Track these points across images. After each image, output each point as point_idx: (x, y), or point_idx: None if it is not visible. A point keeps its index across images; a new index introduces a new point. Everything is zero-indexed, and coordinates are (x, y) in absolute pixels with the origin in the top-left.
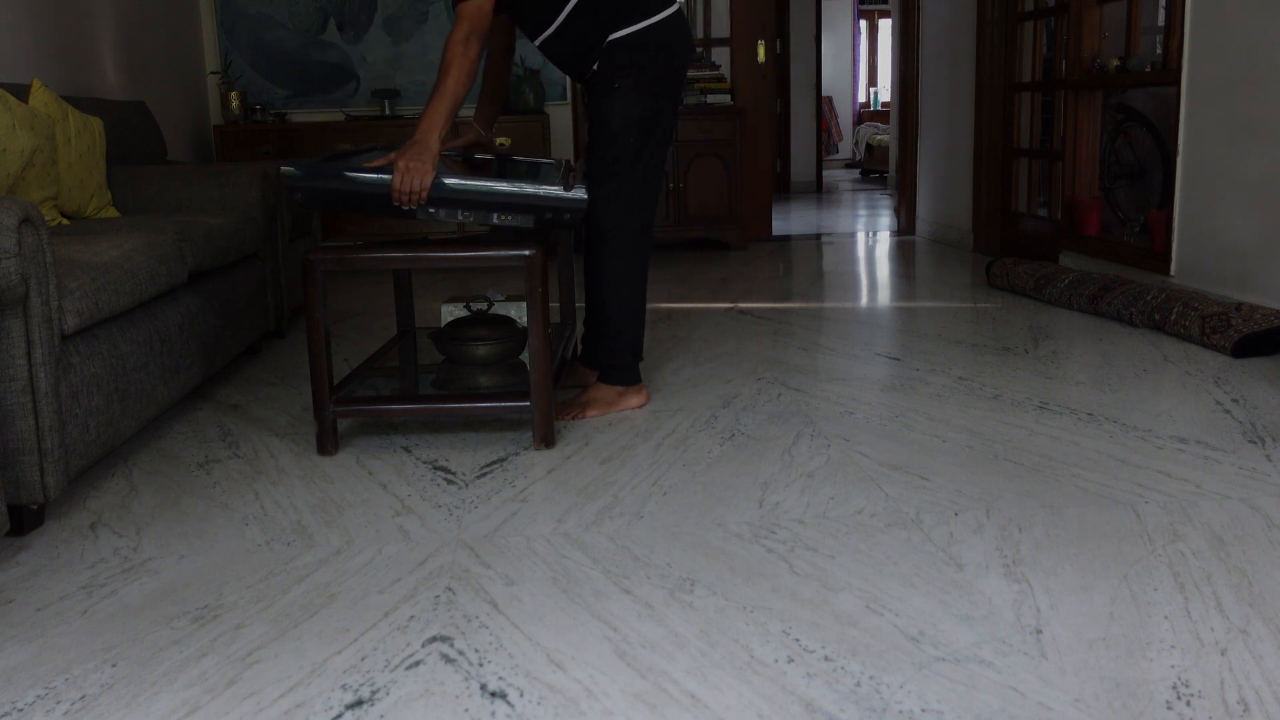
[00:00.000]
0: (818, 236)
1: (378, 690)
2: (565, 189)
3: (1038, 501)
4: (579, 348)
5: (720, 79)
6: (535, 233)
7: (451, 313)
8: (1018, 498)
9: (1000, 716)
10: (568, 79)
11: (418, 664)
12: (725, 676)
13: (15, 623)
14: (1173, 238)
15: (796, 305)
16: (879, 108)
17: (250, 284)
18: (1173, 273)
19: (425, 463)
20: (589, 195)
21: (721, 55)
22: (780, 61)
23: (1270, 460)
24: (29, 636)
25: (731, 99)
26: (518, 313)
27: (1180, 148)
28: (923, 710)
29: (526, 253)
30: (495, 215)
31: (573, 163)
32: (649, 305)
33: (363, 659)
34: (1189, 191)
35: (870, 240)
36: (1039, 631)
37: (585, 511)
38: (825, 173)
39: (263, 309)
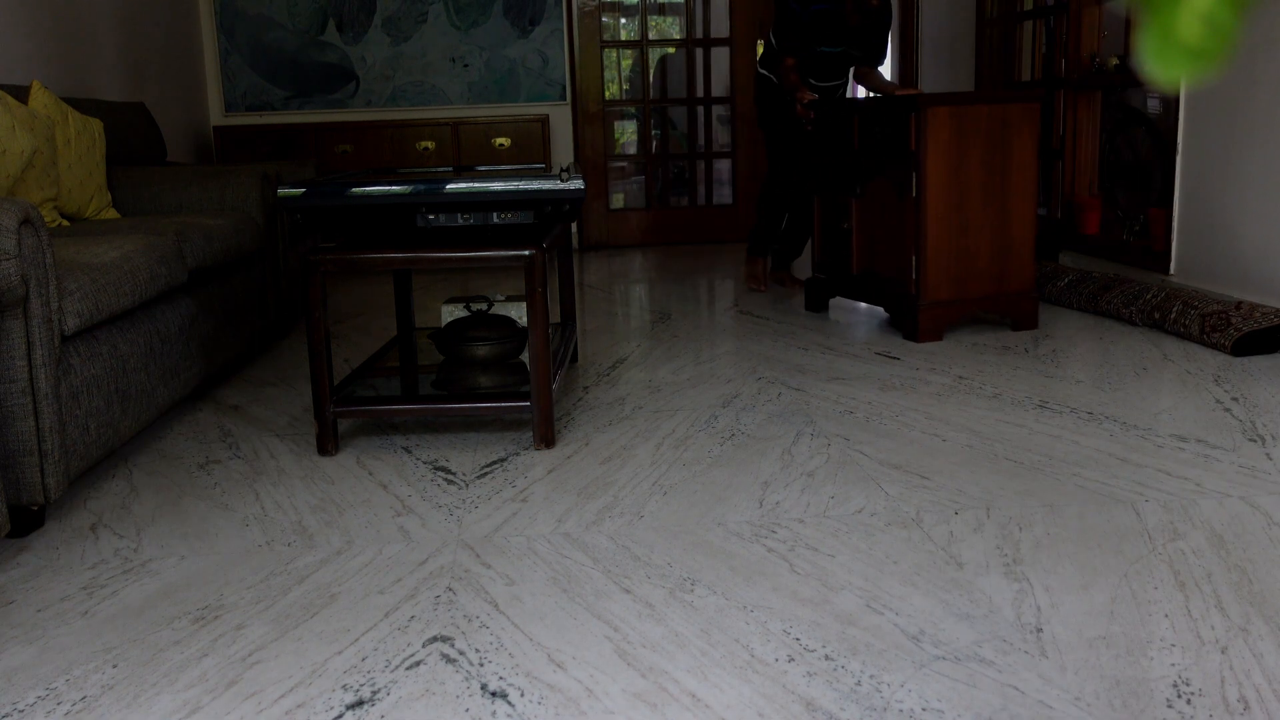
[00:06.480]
0: None
1: (378, 690)
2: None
3: (1038, 500)
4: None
5: None
6: (539, 228)
7: (451, 313)
8: (1018, 496)
9: (1001, 715)
10: (568, 79)
11: (418, 664)
12: (726, 676)
13: (16, 624)
14: (1172, 236)
15: (796, 304)
16: None
17: (250, 284)
18: (1172, 271)
19: (425, 463)
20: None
21: (721, 55)
22: None
23: (1270, 458)
24: (30, 637)
25: (731, 99)
26: (518, 313)
27: (1180, 147)
28: (923, 709)
29: (526, 253)
30: (495, 214)
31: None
32: (649, 305)
33: (363, 659)
34: (1188, 190)
35: None
36: (1039, 630)
37: (585, 511)
38: None
39: (263, 309)
